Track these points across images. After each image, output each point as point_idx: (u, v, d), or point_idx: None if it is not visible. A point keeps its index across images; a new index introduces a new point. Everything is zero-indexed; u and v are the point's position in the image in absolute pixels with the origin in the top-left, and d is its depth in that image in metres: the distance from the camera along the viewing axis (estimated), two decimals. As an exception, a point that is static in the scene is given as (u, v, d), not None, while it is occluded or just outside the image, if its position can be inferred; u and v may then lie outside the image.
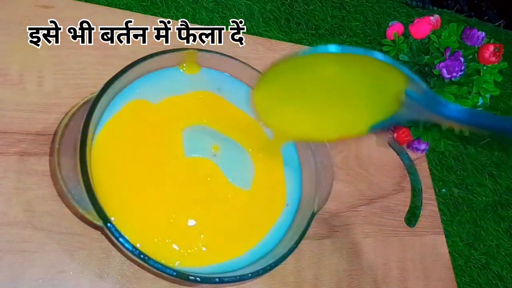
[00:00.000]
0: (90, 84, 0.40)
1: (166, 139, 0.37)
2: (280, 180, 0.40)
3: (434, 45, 0.50)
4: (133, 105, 0.36)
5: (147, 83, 0.38)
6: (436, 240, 0.53)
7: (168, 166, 0.36)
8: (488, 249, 0.61)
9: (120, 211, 0.32)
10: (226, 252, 0.35)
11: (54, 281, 0.33)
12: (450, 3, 0.84)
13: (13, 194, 0.34)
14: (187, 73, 0.40)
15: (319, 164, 0.40)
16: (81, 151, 0.30)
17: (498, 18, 0.88)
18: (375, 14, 0.68)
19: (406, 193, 0.54)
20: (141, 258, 0.30)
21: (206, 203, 0.36)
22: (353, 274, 0.46)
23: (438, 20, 0.52)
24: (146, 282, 0.36)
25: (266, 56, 0.51)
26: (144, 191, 0.34)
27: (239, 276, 0.32)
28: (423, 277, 0.50)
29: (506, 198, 0.66)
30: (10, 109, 0.37)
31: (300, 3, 0.62)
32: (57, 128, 0.37)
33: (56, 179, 0.32)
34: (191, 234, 0.34)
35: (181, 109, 0.39)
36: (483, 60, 0.49)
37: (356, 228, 0.48)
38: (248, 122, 0.41)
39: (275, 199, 0.39)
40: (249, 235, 0.37)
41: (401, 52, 0.52)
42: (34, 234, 0.34)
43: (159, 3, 0.50)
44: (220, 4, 0.54)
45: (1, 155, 0.35)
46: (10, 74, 0.38)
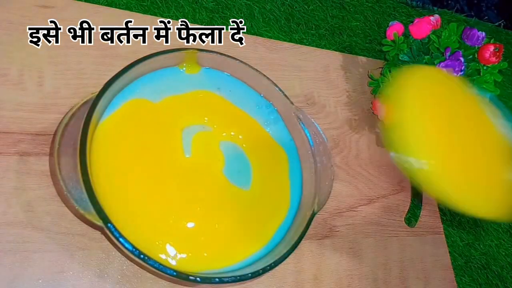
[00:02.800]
0: (90, 84, 0.40)
1: (166, 138, 0.37)
2: (282, 181, 0.40)
3: (434, 45, 0.50)
4: (133, 104, 0.36)
5: (147, 83, 0.38)
6: (436, 240, 0.53)
7: (167, 166, 0.36)
8: (488, 249, 0.61)
9: (120, 211, 0.32)
10: (228, 257, 0.35)
11: (54, 281, 0.33)
12: (450, 3, 0.84)
13: (13, 194, 0.34)
14: (187, 72, 0.40)
15: (319, 164, 0.40)
16: (81, 151, 0.30)
17: (498, 18, 0.88)
18: (375, 14, 0.68)
19: (406, 193, 0.54)
20: (141, 258, 0.30)
21: (206, 203, 0.36)
22: (353, 274, 0.46)
23: (438, 20, 0.52)
24: (146, 282, 0.36)
25: (266, 56, 0.51)
26: (144, 191, 0.34)
27: (239, 276, 0.32)
28: (423, 277, 0.50)
29: (506, 198, 0.66)
30: (10, 109, 0.37)
31: (300, 3, 0.62)
32: (57, 128, 0.37)
33: (56, 179, 0.32)
34: (191, 236, 0.34)
35: (181, 108, 0.39)
36: (483, 60, 0.49)
37: (356, 228, 0.48)
38: (248, 121, 0.41)
39: (278, 199, 0.39)
40: (253, 238, 0.37)
41: (401, 52, 0.52)
42: (34, 234, 0.34)
43: (159, 3, 0.50)
44: (220, 4, 0.54)
45: (1, 155, 0.35)
46: (10, 74, 0.38)
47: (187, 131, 0.38)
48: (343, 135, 0.52)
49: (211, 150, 0.38)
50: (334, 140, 0.51)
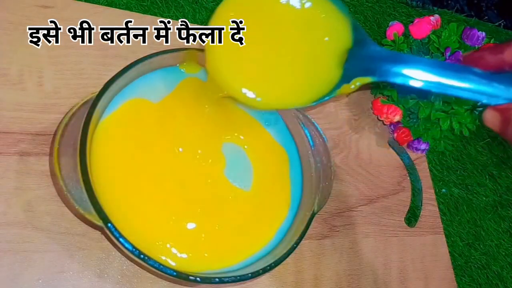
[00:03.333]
0: (90, 84, 0.40)
1: (166, 138, 0.37)
2: (283, 181, 0.40)
3: (434, 45, 0.50)
4: (133, 104, 0.36)
5: (147, 83, 0.38)
6: (436, 240, 0.53)
7: (168, 166, 0.36)
8: (488, 249, 0.61)
9: (120, 211, 0.32)
10: (229, 257, 0.35)
11: (54, 281, 0.33)
12: (450, 3, 0.84)
13: (13, 194, 0.34)
14: (188, 72, 0.40)
15: (319, 164, 0.40)
16: (81, 151, 0.30)
17: (498, 18, 0.88)
18: (375, 14, 0.68)
19: (406, 193, 0.54)
20: (141, 258, 0.30)
21: (206, 204, 0.36)
22: (353, 274, 0.46)
23: (438, 20, 0.52)
24: (146, 282, 0.36)
25: (266, 56, 0.51)
26: (144, 191, 0.34)
27: (239, 276, 0.32)
28: (423, 277, 0.50)
29: (506, 198, 0.66)
30: (10, 109, 0.37)
31: (300, 3, 0.61)
32: (57, 128, 0.37)
33: (56, 179, 0.32)
34: (192, 236, 0.34)
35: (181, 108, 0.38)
36: (483, 60, 0.49)
37: (356, 228, 0.48)
38: (249, 121, 0.41)
39: (279, 200, 0.39)
40: (253, 238, 0.36)
41: (401, 52, 0.52)
42: (34, 234, 0.34)
43: (159, 3, 0.50)
44: (220, 4, 0.54)
45: (1, 155, 0.35)
46: (10, 74, 0.38)
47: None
48: (343, 135, 0.52)
49: (211, 150, 0.38)
50: (334, 140, 0.51)
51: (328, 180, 0.40)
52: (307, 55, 0.30)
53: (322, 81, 0.30)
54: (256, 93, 0.30)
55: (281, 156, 0.41)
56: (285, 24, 0.30)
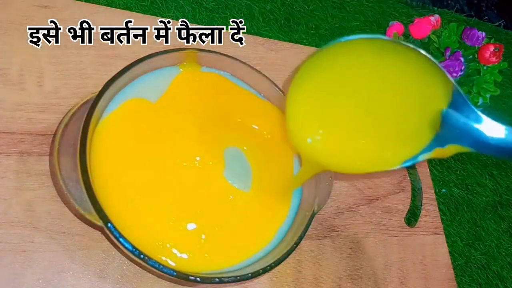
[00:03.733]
0: (90, 84, 0.40)
1: (166, 138, 0.37)
2: (283, 181, 0.40)
3: (434, 45, 0.50)
4: (133, 104, 0.36)
5: (147, 83, 0.38)
6: (436, 240, 0.53)
7: (168, 166, 0.36)
8: (488, 249, 0.61)
9: (120, 211, 0.32)
10: (229, 257, 0.35)
11: (54, 281, 0.33)
12: (450, 3, 0.84)
13: (13, 194, 0.34)
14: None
15: (319, 164, 0.40)
16: (81, 151, 0.30)
17: (498, 18, 0.88)
18: (375, 14, 0.68)
19: (406, 193, 0.54)
20: (141, 258, 0.30)
21: (206, 205, 0.36)
22: (353, 274, 0.46)
23: (438, 20, 0.52)
24: (146, 282, 0.36)
25: (266, 56, 0.51)
26: (144, 191, 0.34)
27: (239, 276, 0.32)
28: (423, 277, 0.50)
29: (506, 198, 0.66)
30: (10, 109, 0.37)
31: (300, 3, 0.62)
32: (57, 128, 0.37)
33: (56, 179, 0.32)
34: (192, 237, 0.34)
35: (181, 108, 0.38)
36: (483, 60, 0.49)
37: (356, 228, 0.48)
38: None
39: (279, 201, 0.39)
40: (254, 239, 0.36)
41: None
42: (34, 234, 0.34)
43: (159, 3, 0.50)
44: (220, 4, 0.54)
45: (1, 155, 0.35)
46: (10, 74, 0.38)
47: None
48: (343, 135, 0.52)
49: (211, 150, 0.38)
50: (334, 140, 0.51)
51: (328, 180, 0.40)
52: (402, 117, 0.28)
53: (411, 143, 0.28)
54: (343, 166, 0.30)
55: (280, 156, 0.41)
56: (378, 82, 0.27)
